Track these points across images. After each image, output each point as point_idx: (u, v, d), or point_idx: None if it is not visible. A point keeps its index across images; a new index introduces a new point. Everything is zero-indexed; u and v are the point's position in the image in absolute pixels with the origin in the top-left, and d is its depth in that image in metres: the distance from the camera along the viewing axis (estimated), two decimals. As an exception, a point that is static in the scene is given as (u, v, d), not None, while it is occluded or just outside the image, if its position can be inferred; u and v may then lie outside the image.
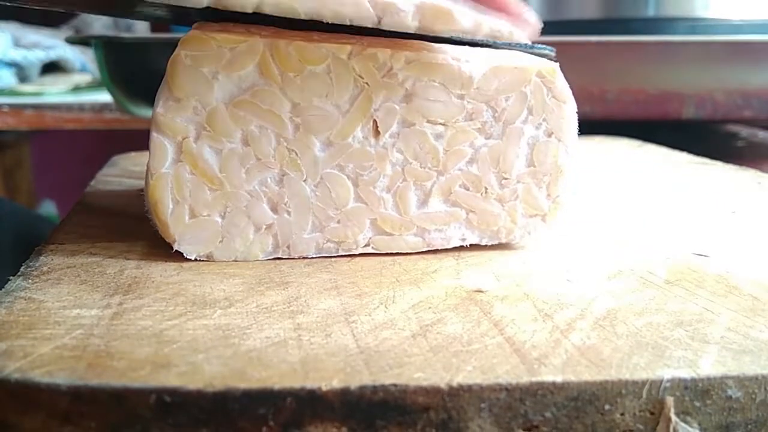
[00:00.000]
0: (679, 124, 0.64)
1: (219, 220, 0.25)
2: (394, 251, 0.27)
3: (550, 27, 0.63)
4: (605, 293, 0.23)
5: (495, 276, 0.25)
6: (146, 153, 0.25)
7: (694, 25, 0.61)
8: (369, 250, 0.27)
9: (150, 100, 0.25)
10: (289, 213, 0.26)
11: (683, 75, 0.58)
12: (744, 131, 0.70)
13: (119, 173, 0.42)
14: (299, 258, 0.26)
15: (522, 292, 0.23)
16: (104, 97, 0.94)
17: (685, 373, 0.18)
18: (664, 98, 0.60)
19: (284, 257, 0.26)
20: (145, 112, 0.78)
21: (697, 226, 0.32)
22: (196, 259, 0.25)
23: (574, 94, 0.27)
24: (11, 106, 0.91)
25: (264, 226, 0.26)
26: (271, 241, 0.26)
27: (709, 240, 0.29)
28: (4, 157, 1.40)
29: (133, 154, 0.48)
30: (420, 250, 0.27)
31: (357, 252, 0.27)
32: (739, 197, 0.37)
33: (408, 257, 0.27)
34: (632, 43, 0.57)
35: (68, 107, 0.99)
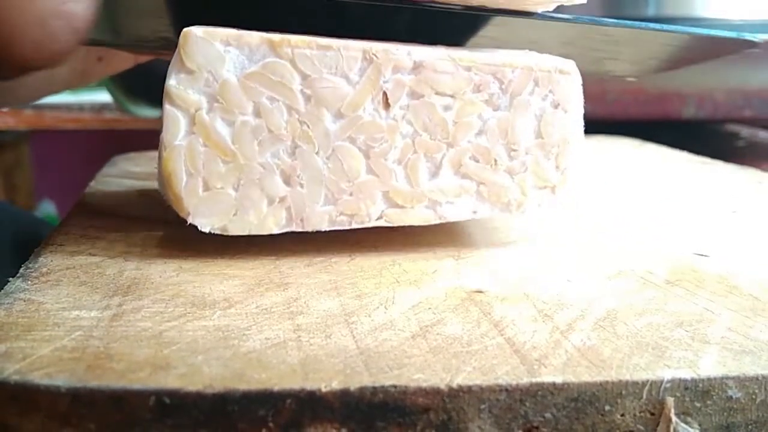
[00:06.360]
0: (679, 124, 0.64)
1: (232, 192, 0.25)
2: (406, 224, 0.27)
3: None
4: (605, 293, 0.23)
5: (495, 276, 0.25)
6: (146, 153, 0.25)
7: (694, 25, 0.61)
8: (382, 222, 0.27)
9: (150, 100, 0.25)
10: (302, 185, 0.26)
11: (683, 75, 0.58)
12: (744, 131, 0.70)
13: (119, 174, 0.42)
14: (301, 257, 0.26)
15: (522, 292, 0.23)
16: (104, 97, 0.94)
17: (686, 374, 0.18)
18: (664, 98, 0.60)
19: (298, 230, 0.26)
20: (144, 111, 0.77)
21: (697, 226, 0.32)
22: (210, 233, 0.25)
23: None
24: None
25: (277, 199, 0.26)
26: (284, 215, 0.26)
27: (709, 240, 0.29)
28: (4, 157, 1.40)
29: (132, 154, 0.48)
30: (432, 223, 0.27)
31: (370, 225, 0.26)
32: (739, 197, 0.37)
33: (407, 257, 0.27)
34: (632, 42, 0.57)
35: (68, 107, 0.99)
